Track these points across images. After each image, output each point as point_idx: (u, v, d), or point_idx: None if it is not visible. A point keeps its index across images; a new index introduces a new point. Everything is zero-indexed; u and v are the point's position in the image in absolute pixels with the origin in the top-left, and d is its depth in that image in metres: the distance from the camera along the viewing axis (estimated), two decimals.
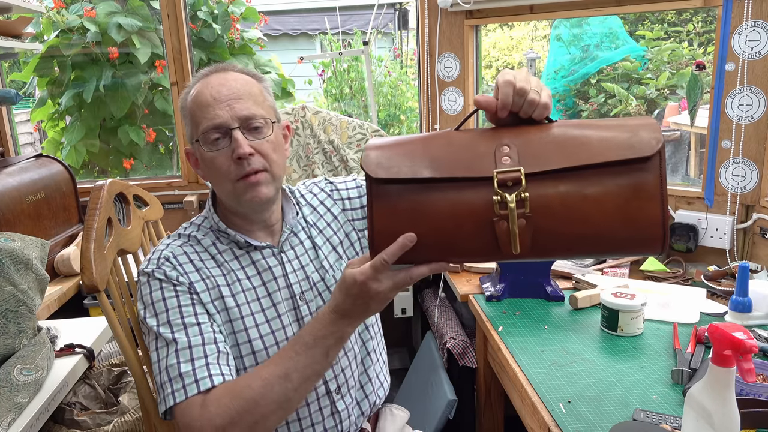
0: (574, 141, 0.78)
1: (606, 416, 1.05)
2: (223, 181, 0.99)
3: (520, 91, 0.80)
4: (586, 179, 0.76)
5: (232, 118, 0.96)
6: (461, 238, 0.79)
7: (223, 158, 0.97)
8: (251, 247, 1.04)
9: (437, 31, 2.17)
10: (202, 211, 1.13)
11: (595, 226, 0.76)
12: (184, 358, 0.91)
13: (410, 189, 0.80)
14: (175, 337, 0.93)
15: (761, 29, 1.66)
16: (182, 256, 1.01)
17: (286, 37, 6.73)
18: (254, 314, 1.01)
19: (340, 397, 1.08)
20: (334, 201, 1.16)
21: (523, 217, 0.76)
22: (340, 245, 1.13)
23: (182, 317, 0.95)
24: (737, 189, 1.76)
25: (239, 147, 0.95)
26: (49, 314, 1.68)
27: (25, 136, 4.14)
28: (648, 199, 0.75)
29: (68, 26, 3.08)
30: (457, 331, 1.89)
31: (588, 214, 0.75)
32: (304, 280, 1.06)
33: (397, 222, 0.80)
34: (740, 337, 0.75)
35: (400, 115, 4.09)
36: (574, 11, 1.97)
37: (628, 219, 0.75)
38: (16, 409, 1.10)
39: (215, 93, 0.97)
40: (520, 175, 0.76)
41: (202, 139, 0.97)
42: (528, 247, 0.78)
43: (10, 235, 1.30)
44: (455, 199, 0.78)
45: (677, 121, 4.20)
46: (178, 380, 0.90)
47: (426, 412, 1.73)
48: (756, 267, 1.66)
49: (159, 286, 0.98)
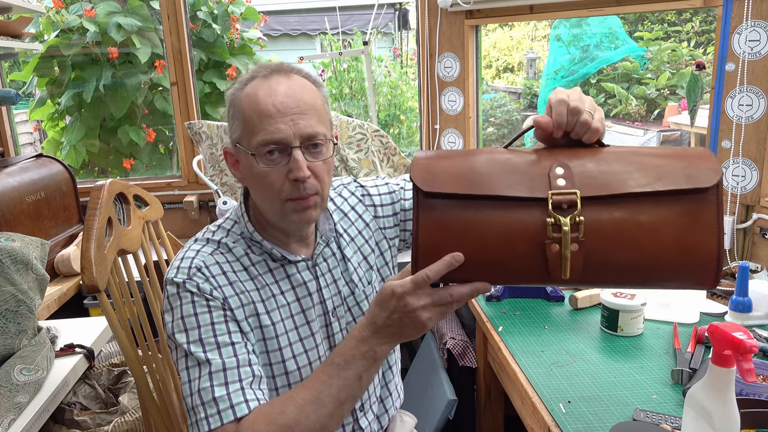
0: (631, 167, 0.76)
1: (606, 416, 1.05)
2: (272, 198, 0.91)
3: (574, 110, 0.78)
4: (642, 206, 0.74)
5: (295, 135, 0.88)
6: (510, 259, 0.76)
7: (276, 175, 0.89)
8: (286, 260, 0.97)
9: (437, 31, 2.17)
10: (202, 212, 1.11)
11: (648, 254, 0.74)
12: (218, 381, 0.85)
13: (459, 205, 0.77)
14: (208, 358, 0.86)
15: (761, 29, 1.66)
16: (215, 266, 0.93)
17: (286, 37, 6.73)
18: (288, 333, 0.95)
19: (363, 414, 1.05)
20: (366, 207, 1.09)
21: (576, 242, 0.74)
22: (372, 254, 1.07)
23: (215, 336, 0.88)
24: (737, 189, 1.76)
25: (299, 170, 0.87)
26: (49, 314, 1.68)
27: (25, 136, 4.14)
28: (704, 230, 0.74)
29: (68, 26, 3.08)
30: (457, 331, 1.89)
31: (642, 241, 0.74)
32: (336, 295, 1.01)
33: (443, 238, 0.77)
34: (740, 337, 0.75)
35: (400, 115, 4.09)
36: (574, 11, 1.98)
37: (683, 249, 0.74)
38: (16, 409, 1.10)
39: (279, 103, 0.87)
40: (575, 198, 0.74)
41: (257, 151, 0.88)
42: (578, 273, 0.76)
43: (10, 235, 1.30)
44: (506, 219, 0.76)
45: (677, 121, 4.20)
46: (212, 405, 0.84)
47: (426, 412, 1.73)
48: (756, 267, 1.66)
49: (191, 299, 0.90)
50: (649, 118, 4.78)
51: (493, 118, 5.05)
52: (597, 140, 0.81)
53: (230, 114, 0.94)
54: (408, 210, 1.09)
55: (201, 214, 2.37)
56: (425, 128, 2.33)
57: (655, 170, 0.76)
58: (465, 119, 2.24)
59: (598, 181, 0.76)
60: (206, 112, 3.32)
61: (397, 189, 1.11)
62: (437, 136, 2.29)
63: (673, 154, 0.78)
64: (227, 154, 0.97)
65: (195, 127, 2.14)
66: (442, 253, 0.77)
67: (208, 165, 2.16)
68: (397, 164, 2.19)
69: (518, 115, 5.17)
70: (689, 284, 0.77)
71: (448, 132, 2.28)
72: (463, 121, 2.24)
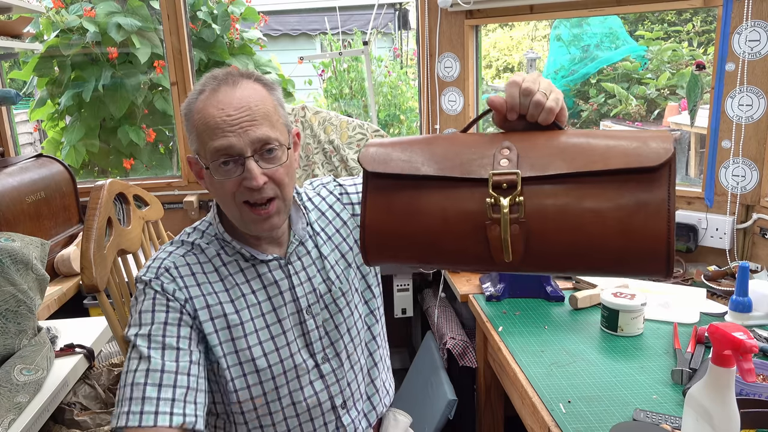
0: (579, 147, 0.73)
1: (606, 416, 1.05)
2: (230, 203, 0.92)
3: (526, 91, 0.77)
4: (587, 187, 0.71)
5: (245, 144, 0.88)
6: (452, 240, 0.75)
7: (232, 184, 0.90)
8: (257, 260, 0.99)
9: (437, 31, 2.17)
10: (202, 212, 1.12)
11: (592, 237, 0.70)
12: (153, 380, 0.86)
13: (405, 186, 0.78)
14: (150, 355, 0.87)
15: (761, 29, 1.66)
16: (184, 267, 0.95)
17: (286, 37, 6.72)
18: (258, 331, 0.96)
19: (346, 412, 1.06)
20: (344, 205, 1.10)
21: (517, 223, 0.72)
22: (350, 252, 1.08)
23: (164, 336, 0.89)
24: (737, 189, 1.76)
25: (253, 179, 0.88)
26: (49, 314, 1.68)
27: (25, 136, 4.13)
28: (652, 213, 0.69)
29: (68, 26, 3.08)
30: (457, 331, 1.89)
31: (585, 224, 0.70)
32: (311, 293, 1.02)
33: (388, 219, 0.78)
34: (740, 337, 0.75)
35: (400, 115, 4.08)
36: (574, 11, 1.97)
37: (629, 233, 0.69)
38: (16, 409, 1.10)
39: (226, 116, 0.88)
40: (516, 178, 0.72)
41: (211, 164, 0.90)
42: (520, 256, 0.73)
43: (10, 235, 1.30)
44: (449, 200, 0.75)
45: (677, 121, 4.20)
46: (138, 403, 0.84)
47: (426, 412, 1.73)
48: (756, 267, 1.66)
49: (152, 296, 0.92)
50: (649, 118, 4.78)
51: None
52: (555, 124, 0.78)
53: (186, 127, 0.94)
54: None
55: (201, 214, 2.37)
56: (425, 128, 2.32)
57: (604, 151, 0.72)
58: (465, 119, 2.24)
59: (542, 161, 0.73)
60: None
61: None
62: None
63: (628, 135, 0.75)
64: (191, 164, 0.97)
65: None
66: (387, 234, 0.77)
67: None
68: None
69: None
70: (640, 273, 0.72)
71: (448, 132, 2.28)
72: (463, 121, 2.24)
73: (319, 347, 1.02)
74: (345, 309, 1.05)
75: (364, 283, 1.11)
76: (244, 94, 0.90)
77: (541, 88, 0.78)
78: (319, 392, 1.02)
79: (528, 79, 0.78)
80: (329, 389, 1.03)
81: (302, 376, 0.99)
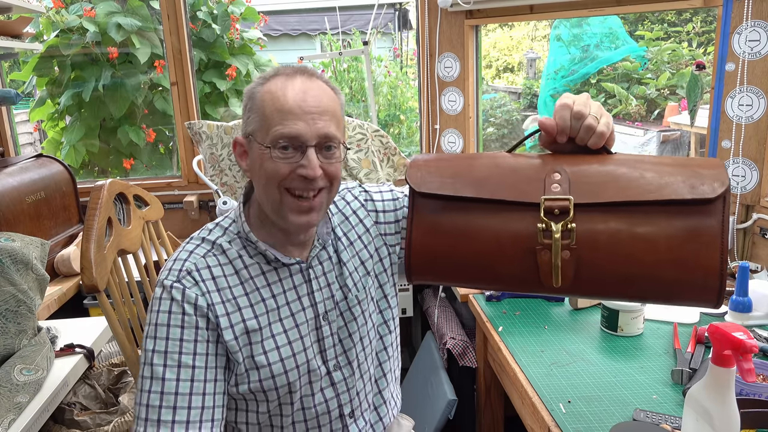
0: (630, 175, 0.73)
1: (606, 416, 1.05)
2: (273, 188, 0.90)
3: (577, 114, 0.76)
4: (640, 216, 0.71)
5: (312, 135, 0.88)
6: (501, 264, 0.75)
7: (286, 166, 0.89)
8: (279, 263, 0.97)
9: (437, 31, 2.17)
10: (202, 212, 1.11)
11: (643, 266, 0.70)
12: (167, 403, 0.86)
13: (453, 207, 0.77)
14: (165, 376, 0.87)
15: (761, 29, 1.66)
16: (205, 270, 0.93)
17: (286, 37, 6.72)
18: (275, 336, 0.95)
19: (353, 421, 1.04)
20: (368, 212, 1.08)
21: (568, 249, 0.72)
22: (370, 260, 1.06)
23: (180, 353, 0.88)
24: (737, 189, 1.76)
25: (311, 168, 0.88)
26: (49, 314, 1.68)
27: (25, 136, 4.14)
28: (705, 244, 0.68)
29: (68, 26, 3.08)
30: (457, 331, 1.89)
31: (637, 252, 0.70)
32: (329, 299, 1.00)
33: (435, 239, 0.77)
34: (740, 337, 0.75)
35: (400, 115, 4.09)
36: (574, 11, 1.97)
37: (681, 263, 0.69)
38: (16, 409, 1.10)
39: (301, 100, 0.88)
40: (568, 204, 0.72)
41: (272, 144, 0.88)
42: (570, 282, 0.73)
43: (10, 235, 1.31)
44: (499, 223, 0.75)
45: (677, 121, 4.20)
46: (153, 425, 0.86)
47: (426, 412, 1.73)
48: (756, 267, 1.66)
49: (168, 308, 0.90)
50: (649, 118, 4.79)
51: (493, 118, 5.05)
52: (604, 148, 0.78)
53: (247, 107, 0.94)
54: None
55: (201, 214, 2.37)
56: (425, 128, 2.32)
57: (657, 179, 0.72)
58: (465, 119, 2.24)
59: (594, 188, 0.73)
60: (206, 112, 3.31)
61: (401, 196, 1.11)
62: (437, 136, 2.29)
63: (680, 162, 0.74)
64: (236, 144, 0.96)
65: (195, 127, 2.14)
66: (434, 254, 0.77)
67: (208, 165, 2.16)
68: (397, 164, 2.19)
69: (518, 115, 5.16)
70: (690, 301, 0.72)
71: (448, 132, 2.28)
72: (463, 121, 2.24)
73: (332, 354, 1.01)
74: (360, 317, 1.03)
75: (381, 293, 1.09)
76: (320, 90, 0.92)
77: (592, 111, 0.77)
78: (329, 400, 1.00)
79: (579, 101, 0.78)
80: (339, 397, 1.01)
81: (314, 382, 0.98)
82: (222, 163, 2.13)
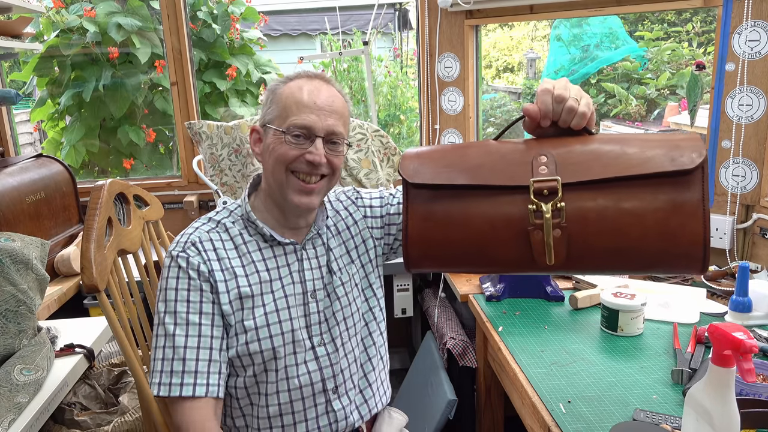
0: (614, 153, 0.76)
1: (606, 416, 1.05)
2: (281, 169, 1.03)
3: (558, 98, 0.80)
4: (625, 192, 0.74)
5: (322, 127, 1.03)
6: (495, 246, 0.78)
7: (295, 151, 1.02)
8: (275, 241, 1.09)
9: (437, 31, 2.17)
10: (202, 212, 1.15)
11: (632, 239, 0.73)
12: (178, 356, 0.99)
13: (446, 195, 0.80)
14: (175, 332, 1.00)
15: (761, 29, 1.66)
16: (208, 242, 1.06)
17: (286, 37, 6.72)
18: (266, 305, 1.05)
19: (337, 397, 1.10)
20: (357, 207, 1.21)
21: (559, 227, 0.75)
22: (355, 249, 1.17)
23: (187, 312, 1.01)
24: (737, 189, 1.76)
25: (317, 154, 1.02)
26: (49, 314, 1.68)
27: (25, 136, 4.14)
28: (689, 215, 0.72)
29: (68, 26, 3.08)
30: (457, 331, 1.89)
31: (625, 226, 0.73)
32: (318, 279, 1.11)
33: (430, 227, 0.80)
34: (740, 337, 0.75)
35: (400, 115, 4.09)
36: (574, 11, 1.97)
37: (667, 234, 0.72)
38: (16, 409, 1.10)
39: (316, 98, 1.04)
40: (556, 185, 0.75)
41: (287, 130, 1.02)
42: (563, 259, 0.76)
43: (10, 235, 1.31)
44: (490, 207, 0.78)
45: (677, 121, 4.21)
46: (167, 375, 0.99)
47: (426, 412, 1.73)
48: (756, 267, 1.66)
49: (176, 274, 1.03)
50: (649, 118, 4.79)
51: (493, 118, 5.05)
52: (586, 129, 0.81)
53: (269, 99, 1.08)
54: (393, 215, 1.20)
55: (201, 214, 2.36)
56: (425, 128, 2.32)
57: (638, 155, 0.75)
58: (465, 119, 2.24)
59: (580, 168, 0.76)
60: (206, 112, 3.31)
61: (387, 195, 1.23)
62: (437, 136, 2.29)
63: (659, 139, 0.77)
64: (253, 131, 1.11)
65: (195, 127, 2.14)
66: (430, 242, 0.80)
67: (208, 165, 2.16)
68: (397, 164, 2.19)
69: (518, 115, 5.15)
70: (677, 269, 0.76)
71: (448, 132, 2.28)
72: (463, 121, 2.24)
73: (317, 330, 1.09)
74: (343, 298, 1.13)
75: (367, 282, 1.19)
76: (333, 94, 1.07)
77: (572, 94, 0.81)
78: (312, 372, 1.07)
79: (558, 86, 0.81)
80: (322, 371, 1.08)
81: (299, 353, 1.07)
82: (222, 163, 2.13)
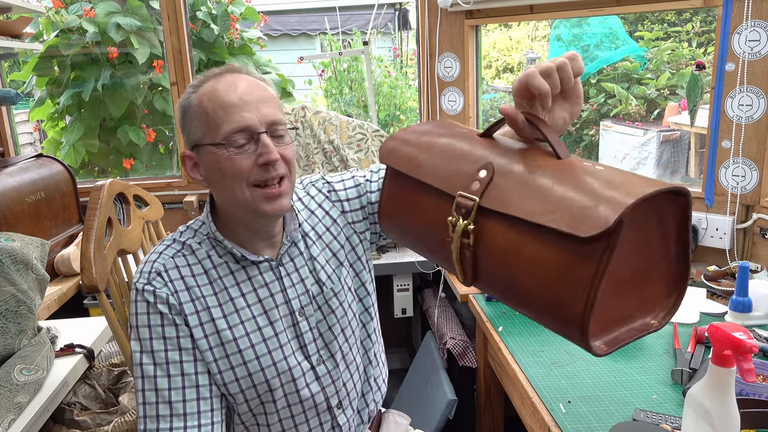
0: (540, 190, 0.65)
1: (606, 416, 1.05)
2: (239, 185, 0.90)
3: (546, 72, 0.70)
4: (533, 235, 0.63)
5: (260, 122, 0.90)
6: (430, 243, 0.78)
7: (245, 161, 0.89)
8: (248, 261, 0.97)
9: (437, 31, 2.17)
10: (201, 212, 1.10)
11: (520, 286, 0.65)
12: (162, 399, 0.90)
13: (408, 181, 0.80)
14: (156, 374, 0.90)
15: (761, 29, 1.66)
16: (173, 270, 0.95)
17: (286, 37, 6.73)
18: (249, 334, 0.95)
19: (341, 411, 1.05)
20: (333, 203, 1.08)
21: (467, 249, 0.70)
22: (341, 250, 1.06)
23: (165, 350, 0.91)
24: (737, 189, 1.76)
25: (270, 153, 0.89)
26: (49, 314, 1.68)
27: (25, 136, 4.14)
28: (574, 287, 0.59)
29: (67, 26, 3.08)
30: (457, 331, 1.89)
31: (519, 273, 0.65)
32: (303, 294, 1.00)
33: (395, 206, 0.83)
34: (740, 337, 0.75)
35: (400, 115, 4.08)
36: (574, 11, 1.97)
37: (551, 299, 0.62)
38: (16, 409, 1.10)
39: (239, 92, 0.90)
40: (472, 206, 0.69)
41: (226, 140, 0.89)
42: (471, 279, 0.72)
43: (10, 235, 1.31)
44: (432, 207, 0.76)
45: (677, 121, 4.21)
46: (153, 420, 0.90)
47: (426, 412, 1.73)
48: (756, 267, 1.66)
49: (146, 309, 0.92)
50: (649, 118, 4.78)
51: (493, 118, 5.05)
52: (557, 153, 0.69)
53: (186, 118, 0.95)
54: (374, 203, 1.08)
55: (201, 214, 2.37)
56: None
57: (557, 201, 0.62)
58: (465, 119, 2.24)
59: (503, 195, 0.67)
60: None
61: (363, 182, 1.10)
62: None
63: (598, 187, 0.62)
64: (185, 159, 0.97)
65: None
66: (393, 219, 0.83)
67: None
68: None
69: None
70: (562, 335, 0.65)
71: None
72: (463, 121, 2.24)
73: (313, 349, 1.01)
74: (338, 309, 1.03)
75: (358, 281, 1.10)
76: (251, 80, 0.94)
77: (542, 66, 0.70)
78: (316, 394, 1.01)
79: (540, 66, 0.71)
80: (325, 390, 1.02)
81: (298, 378, 0.99)
82: None
